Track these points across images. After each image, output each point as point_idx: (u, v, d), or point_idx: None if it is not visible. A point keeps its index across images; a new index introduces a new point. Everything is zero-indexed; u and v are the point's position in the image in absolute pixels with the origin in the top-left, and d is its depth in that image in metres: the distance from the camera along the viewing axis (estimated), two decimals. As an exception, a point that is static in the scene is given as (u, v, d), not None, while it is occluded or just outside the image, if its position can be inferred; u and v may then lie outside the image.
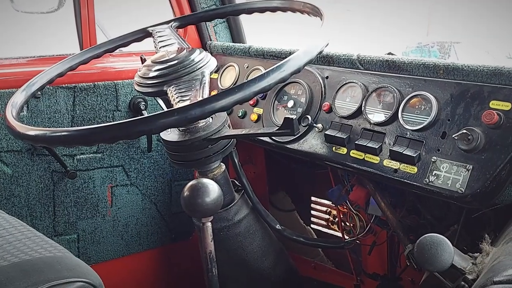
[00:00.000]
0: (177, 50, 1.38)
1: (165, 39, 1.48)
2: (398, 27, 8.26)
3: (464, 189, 1.14)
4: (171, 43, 1.46)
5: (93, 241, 1.85)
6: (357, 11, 9.28)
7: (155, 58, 1.37)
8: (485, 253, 0.97)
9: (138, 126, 0.99)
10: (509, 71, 1.16)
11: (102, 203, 1.84)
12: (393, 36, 7.20)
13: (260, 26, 2.69)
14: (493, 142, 1.13)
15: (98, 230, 1.86)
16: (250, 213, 1.54)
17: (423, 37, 7.22)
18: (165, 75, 1.30)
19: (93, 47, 1.59)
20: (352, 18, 8.57)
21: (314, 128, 1.46)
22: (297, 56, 1.12)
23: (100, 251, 1.87)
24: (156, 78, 1.31)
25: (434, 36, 7.10)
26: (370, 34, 7.68)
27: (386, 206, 1.45)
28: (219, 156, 1.37)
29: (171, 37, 1.49)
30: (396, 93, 1.32)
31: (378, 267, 1.74)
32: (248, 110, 1.68)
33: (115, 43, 1.60)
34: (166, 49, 1.41)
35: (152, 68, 1.34)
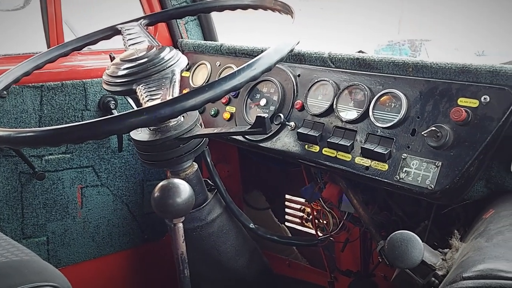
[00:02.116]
0: (147, 48, 1.36)
1: (135, 37, 1.46)
2: (370, 25, 8.35)
3: (434, 186, 1.16)
4: (140, 41, 1.43)
5: (63, 243, 1.81)
6: (330, 10, 9.34)
7: (124, 56, 1.34)
8: (455, 248, 0.99)
9: (105, 126, 0.97)
10: (477, 68, 1.18)
11: (72, 205, 1.81)
12: (365, 34, 7.27)
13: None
14: (462, 138, 1.14)
15: (68, 232, 1.82)
16: (223, 213, 1.53)
17: (394, 35, 7.32)
18: (134, 74, 1.28)
19: (60, 45, 1.56)
20: (325, 16, 8.62)
21: (287, 126, 1.46)
22: (268, 54, 1.11)
23: (70, 254, 1.84)
24: (125, 77, 1.29)
25: (405, 34, 7.19)
26: (343, 32, 7.74)
27: (358, 203, 1.46)
28: (191, 156, 1.35)
29: (141, 35, 1.46)
30: (367, 91, 1.33)
31: (351, 264, 1.75)
32: (220, 108, 1.67)
33: (83, 41, 1.57)
34: (136, 47, 1.39)
35: (121, 66, 1.31)
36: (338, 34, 7.15)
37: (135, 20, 1.57)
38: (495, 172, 1.15)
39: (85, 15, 2.66)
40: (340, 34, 7.21)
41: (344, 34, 7.49)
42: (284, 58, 1.16)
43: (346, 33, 7.59)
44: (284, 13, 1.37)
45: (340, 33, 7.32)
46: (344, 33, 7.56)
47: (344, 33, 7.57)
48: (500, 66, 1.16)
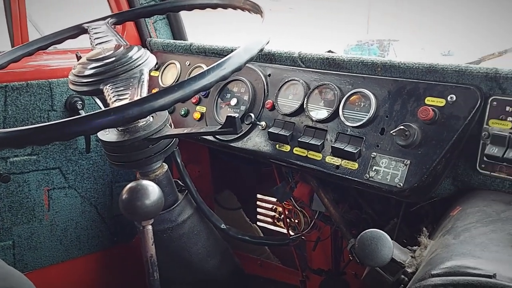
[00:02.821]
0: (114, 47, 1.33)
1: (101, 36, 1.43)
2: (339, 25, 8.44)
3: (403, 184, 1.17)
4: (107, 40, 1.41)
5: (30, 247, 1.77)
6: (300, 9, 9.40)
7: (90, 56, 1.31)
8: (423, 246, 1.00)
9: (72, 127, 0.94)
10: (443, 68, 1.20)
11: (38, 207, 1.76)
12: (335, 34, 7.34)
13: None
14: (429, 137, 1.16)
15: (35, 236, 1.77)
16: (194, 214, 1.52)
17: (363, 35, 7.41)
18: (101, 73, 1.25)
19: (25, 44, 1.51)
20: (295, 16, 8.67)
21: (258, 126, 1.46)
22: (238, 53, 1.10)
23: (37, 258, 1.79)
24: (92, 77, 1.26)
25: (374, 34, 7.30)
26: (312, 31, 7.79)
27: (329, 202, 1.47)
28: (160, 156, 1.33)
29: (108, 34, 1.43)
30: (337, 90, 1.34)
31: (322, 263, 1.76)
32: (190, 108, 1.65)
33: (49, 40, 1.53)
34: (103, 46, 1.36)
35: (88, 66, 1.29)
36: (307, 33, 7.19)
37: (102, 19, 1.54)
38: (462, 170, 1.17)
39: (51, 13, 2.60)
40: (309, 34, 7.26)
41: (314, 33, 7.55)
42: (254, 57, 1.15)
43: (315, 32, 7.64)
44: (253, 13, 1.36)
45: (310, 33, 7.37)
46: (314, 32, 7.62)
47: (314, 32, 7.63)
48: (466, 65, 1.18)
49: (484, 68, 1.14)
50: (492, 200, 1.07)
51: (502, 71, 1.12)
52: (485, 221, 0.96)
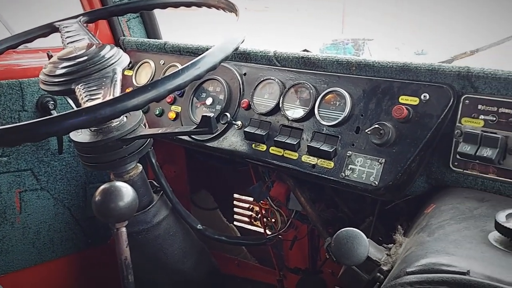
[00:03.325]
0: (86, 46, 1.31)
1: (73, 35, 1.40)
2: (315, 24, 8.48)
3: (378, 182, 1.18)
4: (79, 38, 1.38)
5: (1, 250, 1.72)
6: (275, 8, 9.42)
7: (61, 55, 1.28)
8: (398, 243, 1.01)
9: (42, 128, 0.92)
10: (416, 67, 1.21)
11: (9, 210, 1.72)
12: (311, 33, 7.37)
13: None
14: (403, 135, 1.17)
15: (7, 239, 1.73)
16: (169, 215, 1.50)
17: (338, 34, 7.47)
18: (73, 73, 1.23)
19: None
20: (271, 15, 8.68)
21: (233, 126, 1.45)
22: (212, 52, 1.09)
23: (9, 261, 1.75)
24: (63, 76, 1.23)
25: (349, 33, 7.37)
26: (288, 30, 7.82)
27: (305, 201, 1.47)
28: (135, 157, 1.32)
29: (80, 33, 1.41)
30: (312, 89, 1.34)
31: (299, 261, 1.76)
32: (165, 108, 1.64)
33: (19, 38, 1.49)
34: (74, 45, 1.34)
35: (59, 65, 1.26)
36: (283, 32, 7.21)
37: (74, 17, 1.51)
38: (435, 168, 1.19)
39: (21, 11, 2.54)
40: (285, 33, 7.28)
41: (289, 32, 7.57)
42: (229, 56, 1.14)
43: (291, 31, 7.67)
44: (228, 11, 1.35)
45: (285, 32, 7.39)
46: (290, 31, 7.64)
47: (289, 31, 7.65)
48: (438, 64, 1.19)
49: (457, 67, 1.16)
50: (465, 198, 1.08)
51: (474, 70, 1.13)
52: (459, 218, 0.98)
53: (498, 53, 1.52)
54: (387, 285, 0.84)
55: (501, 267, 0.76)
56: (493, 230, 0.87)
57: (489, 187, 1.11)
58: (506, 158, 1.08)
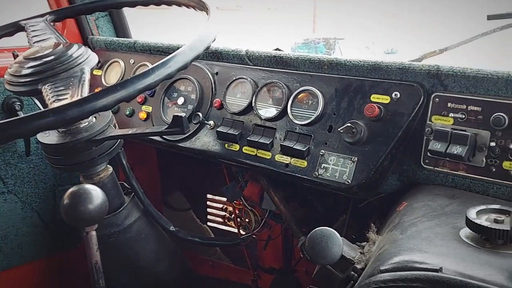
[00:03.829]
0: (53, 46, 1.27)
1: (40, 34, 1.36)
2: (286, 23, 8.51)
3: (351, 180, 1.18)
4: (46, 37, 1.34)
5: (-34, 256, 1.67)
6: (247, 7, 9.41)
7: (27, 54, 1.25)
8: (372, 241, 1.01)
9: (7, 130, 0.89)
10: (387, 65, 1.22)
11: (-25, 215, 1.66)
12: (282, 32, 7.39)
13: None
14: (375, 134, 1.18)
15: (-28, 245, 1.67)
16: (141, 216, 1.48)
17: (309, 33, 7.52)
18: (39, 73, 1.19)
19: (-45, 42, 1.42)
20: (242, 14, 8.67)
21: (206, 125, 1.44)
22: (183, 51, 1.08)
23: (-26, 268, 1.69)
24: (29, 76, 1.20)
25: (320, 32, 7.41)
26: (260, 30, 7.82)
27: (279, 200, 1.47)
28: (104, 158, 1.29)
29: (46, 32, 1.37)
30: (285, 88, 1.33)
31: (274, 261, 1.76)
32: (136, 108, 1.61)
33: (-17, 37, 1.44)
34: (41, 44, 1.30)
35: (25, 65, 1.22)
36: (254, 31, 7.21)
37: (40, 16, 1.47)
38: (407, 166, 1.20)
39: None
40: (257, 32, 7.28)
41: (261, 31, 7.57)
42: (201, 55, 1.13)
43: (262, 30, 7.67)
44: (199, 10, 1.34)
45: (257, 31, 7.39)
46: (261, 31, 7.65)
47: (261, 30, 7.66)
48: (409, 63, 1.21)
49: (426, 66, 1.17)
50: (436, 195, 1.10)
51: (444, 68, 1.15)
52: (430, 215, 0.99)
53: (467, 51, 1.54)
54: (361, 283, 0.84)
55: (473, 263, 0.77)
56: (464, 226, 0.88)
57: (459, 184, 1.13)
58: (476, 155, 1.10)
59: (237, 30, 6.34)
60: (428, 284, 0.75)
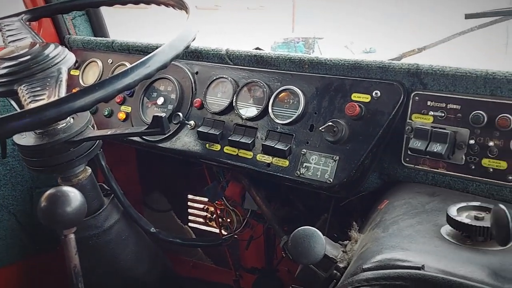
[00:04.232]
0: (29, 45, 1.25)
1: (15, 33, 1.33)
2: (266, 23, 8.52)
3: (332, 179, 1.18)
4: (22, 37, 1.31)
5: None
6: (226, 7, 9.39)
7: (2, 54, 1.22)
8: (354, 240, 1.01)
9: None
10: (368, 64, 1.23)
11: (-51, 218, 1.62)
12: (262, 32, 7.40)
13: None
14: (356, 133, 1.18)
15: None
16: (121, 218, 1.46)
17: (289, 33, 7.54)
18: (15, 73, 1.16)
19: None
20: (221, 13, 8.65)
21: (186, 126, 1.43)
22: (162, 51, 1.06)
23: (-50, 272, 1.65)
24: (4, 76, 1.17)
25: (299, 32, 7.44)
26: (239, 29, 7.81)
27: (261, 200, 1.47)
28: (83, 160, 1.26)
29: (22, 31, 1.34)
30: (266, 88, 1.33)
31: (256, 261, 1.75)
32: (114, 108, 1.59)
33: (-45, 37, 1.40)
34: (16, 44, 1.27)
35: (0, 65, 1.19)
36: (234, 31, 7.21)
37: (16, 15, 1.44)
38: (388, 164, 1.21)
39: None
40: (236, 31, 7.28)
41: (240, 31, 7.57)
42: (180, 54, 1.12)
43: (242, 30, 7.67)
44: (178, 9, 1.32)
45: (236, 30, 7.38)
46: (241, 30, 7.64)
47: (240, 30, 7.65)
48: (389, 62, 1.21)
49: (406, 64, 1.18)
50: (417, 192, 1.11)
51: (423, 67, 1.16)
52: (411, 213, 0.99)
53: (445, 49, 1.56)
54: (344, 282, 0.84)
55: (454, 260, 0.78)
56: (445, 224, 0.89)
57: (439, 181, 1.14)
58: (455, 153, 1.11)
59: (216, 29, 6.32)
60: (411, 282, 0.75)
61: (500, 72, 1.06)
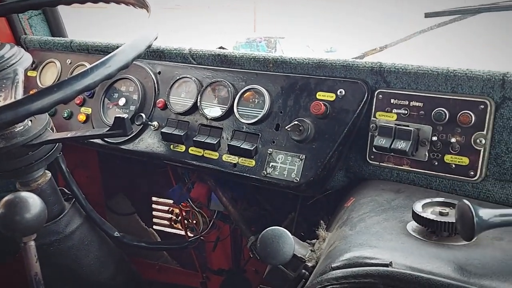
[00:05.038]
0: None
1: (-34, 33, 1.28)
2: (227, 22, 8.50)
3: (299, 178, 1.18)
4: None
5: None
6: (187, 7, 9.32)
7: None
8: (322, 239, 1.01)
9: None
10: (332, 63, 1.23)
11: None
12: (223, 32, 7.38)
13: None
14: (322, 131, 1.18)
15: None
16: (83, 223, 1.42)
17: (250, 33, 7.55)
18: None
19: None
20: (183, 13, 8.58)
21: (150, 127, 1.40)
22: (123, 50, 1.04)
23: None
24: None
25: (261, 31, 7.46)
26: (200, 29, 7.77)
27: (227, 200, 1.45)
28: (42, 164, 1.23)
29: None
30: (230, 87, 1.32)
31: (223, 262, 1.74)
32: (74, 110, 1.54)
33: None
34: (-32, 44, 1.21)
35: None
36: (196, 30, 7.16)
37: None
38: (353, 162, 1.21)
39: None
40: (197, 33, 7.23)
41: (202, 31, 7.53)
42: (142, 54, 1.09)
43: (203, 30, 7.63)
44: (139, 7, 1.29)
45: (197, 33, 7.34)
46: (202, 30, 7.60)
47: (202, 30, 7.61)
48: (352, 60, 1.22)
49: (370, 63, 1.19)
50: (382, 190, 1.12)
51: (386, 65, 1.17)
52: (378, 210, 1.00)
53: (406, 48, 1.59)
54: (313, 281, 0.84)
55: (421, 256, 0.79)
56: (410, 220, 0.90)
57: (403, 178, 1.16)
58: (418, 149, 1.13)
59: (177, 29, 6.27)
60: (379, 279, 0.75)
61: (461, 70, 1.08)
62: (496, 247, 0.82)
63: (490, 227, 0.75)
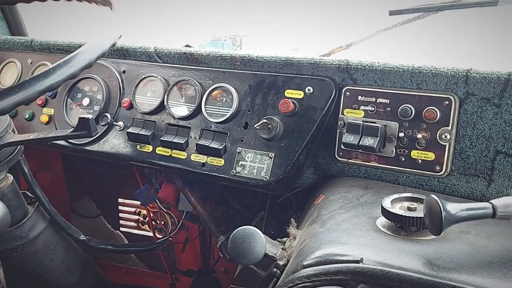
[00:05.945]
0: None
1: None
2: (192, 21, 8.41)
3: (269, 177, 1.18)
4: None
5: None
6: (154, 5, 9.18)
7: None
8: (292, 236, 1.01)
9: None
10: (299, 61, 1.23)
11: None
12: (187, 31, 7.31)
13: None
14: (291, 129, 1.18)
15: None
16: (48, 227, 1.38)
17: (216, 31, 7.50)
18: None
19: None
20: (146, 11, 8.45)
21: (115, 127, 1.37)
22: (87, 49, 1.01)
23: None
24: None
25: (227, 31, 7.42)
26: (164, 28, 7.67)
27: (196, 200, 1.44)
28: (4, 167, 1.19)
29: None
30: (198, 86, 1.30)
31: (192, 263, 1.72)
32: (36, 111, 1.49)
33: None
34: None
35: None
36: (162, 28, 7.07)
37: None
38: (322, 159, 1.22)
39: None
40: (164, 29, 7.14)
41: (165, 30, 7.44)
42: (106, 53, 1.06)
43: (166, 29, 7.55)
44: (102, 5, 1.26)
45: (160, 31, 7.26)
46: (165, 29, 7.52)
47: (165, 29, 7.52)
48: (319, 58, 1.22)
49: (337, 60, 1.20)
50: (351, 186, 1.12)
51: (353, 63, 1.18)
52: (347, 207, 1.01)
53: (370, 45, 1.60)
54: (285, 280, 0.84)
55: (391, 252, 0.80)
56: (380, 216, 0.91)
57: (371, 174, 1.17)
58: (386, 146, 1.14)
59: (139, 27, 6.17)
60: (350, 276, 0.76)
61: (426, 67, 1.10)
62: (463, 240, 0.84)
63: (457, 221, 0.77)
